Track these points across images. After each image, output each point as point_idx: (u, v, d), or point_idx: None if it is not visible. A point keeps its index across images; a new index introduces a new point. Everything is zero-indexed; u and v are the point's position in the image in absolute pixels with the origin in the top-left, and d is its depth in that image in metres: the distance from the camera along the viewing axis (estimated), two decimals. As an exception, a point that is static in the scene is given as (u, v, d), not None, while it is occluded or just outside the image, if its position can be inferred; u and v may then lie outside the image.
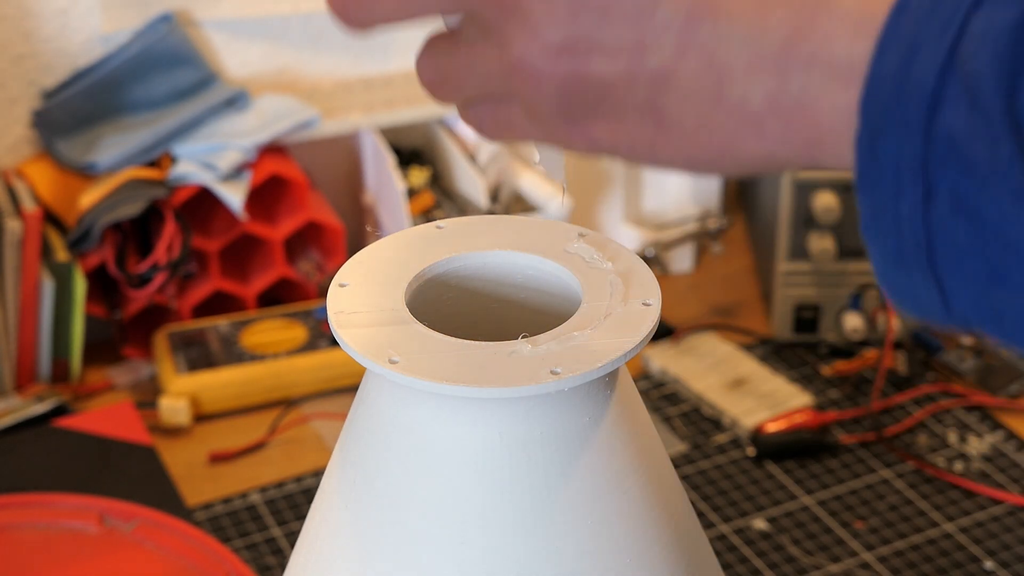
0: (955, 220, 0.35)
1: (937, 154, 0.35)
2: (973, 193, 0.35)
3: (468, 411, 0.50)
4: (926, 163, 0.35)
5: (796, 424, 1.05)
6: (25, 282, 1.06)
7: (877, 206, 0.37)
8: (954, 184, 0.35)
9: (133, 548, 0.89)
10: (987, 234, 0.35)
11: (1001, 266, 0.35)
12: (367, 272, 0.55)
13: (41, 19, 1.13)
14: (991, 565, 0.93)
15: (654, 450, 0.55)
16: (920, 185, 0.35)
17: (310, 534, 0.56)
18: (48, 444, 1.00)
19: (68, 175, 1.13)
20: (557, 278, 0.56)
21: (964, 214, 0.35)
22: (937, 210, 0.35)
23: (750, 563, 0.93)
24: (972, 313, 0.38)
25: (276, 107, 1.16)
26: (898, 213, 0.36)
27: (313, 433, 1.06)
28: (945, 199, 0.35)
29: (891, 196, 0.36)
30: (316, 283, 1.17)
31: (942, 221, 0.36)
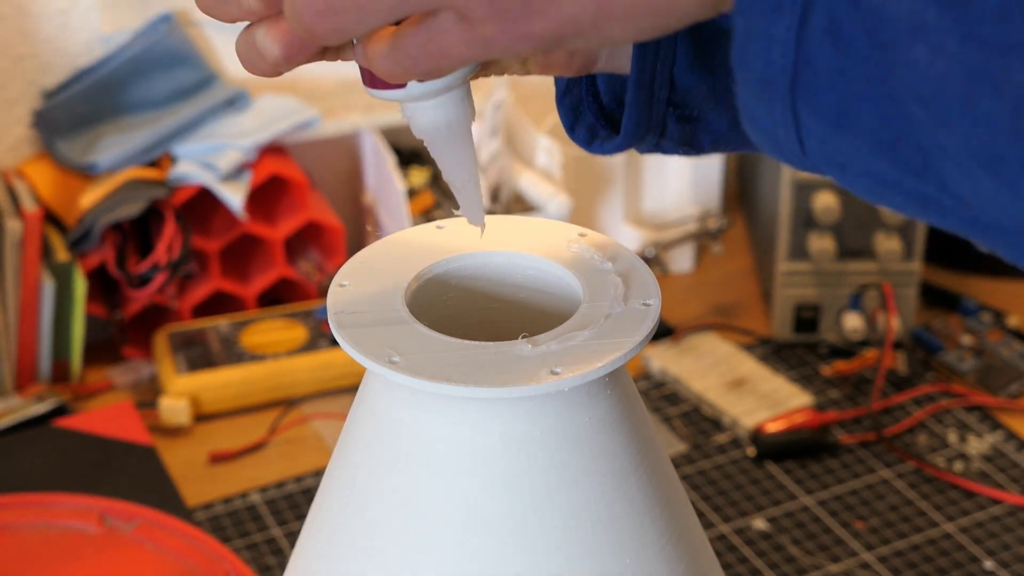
0: (822, 45, 0.36)
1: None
2: (845, 16, 0.35)
3: (468, 411, 0.50)
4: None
5: (796, 424, 1.05)
6: (25, 282, 1.06)
7: (752, 27, 0.37)
8: (830, 4, 0.35)
9: (133, 548, 0.89)
10: (847, 64, 0.35)
11: (851, 105, 0.36)
12: (367, 272, 0.55)
13: (41, 19, 1.13)
14: (991, 565, 0.93)
15: (654, 450, 0.55)
16: (800, 3, 0.36)
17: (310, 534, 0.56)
18: (48, 444, 1.00)
19: (68, 175, 1.13)
20: (557, 278, 0.56)
21: (832, 38, 0.35)
22: (809, 32, 0.36)
23: (750, 563, 0.93)
24: (822, 158, 0.38)
25: (276, 107, 1.16)
26: (772, 35, 0.36)
27: (313, 433, 1.06)
28: (820, 20, 0.35)
29: (768, 14, 0.36)
30: (316, 283, 1.17)
31: (811, 45, 0.36)
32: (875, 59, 0.35)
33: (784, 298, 1.15)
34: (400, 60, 0.43)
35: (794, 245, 1.13)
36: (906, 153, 0.36)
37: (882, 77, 0.35)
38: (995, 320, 1.19)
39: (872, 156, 0.37)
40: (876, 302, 1.13)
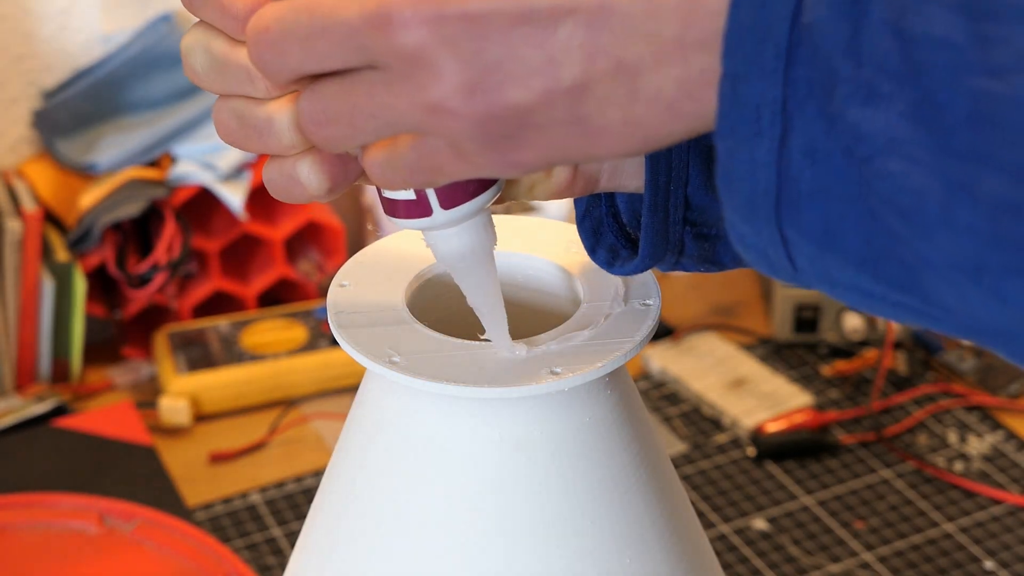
0: (802, 166, 0.36)
1: (796, 96, 0.36)
2: (822, 136, 0.36)
3: (468, 411, 0.50)
4: (785, 105, 0.36)
5: (796, 424, 1.05)
6: (25, 282, 1.06)
7: (735, 151, 0.38)
8: (807, 126, 0.36)
9: (133, 548, 0.89)
10: (827, 183, 0.36)
11: (835, 224, 0.37)
12: (367, 272, 0.55)
13: (41, 19, 1.13)
14: (991, 565, 0.93)
15: (654, 450, 0.55)
16: (779, 127, 0.37)
17: (310, 534, 0.56)
18: (48, 444, 1.00)
19: (68, 175, 1.13)
20: (557, 278, 0.56)
21: (811, 158, 0.36)
22: (789, 154, 0.37)
23: (750, 563, 0.93)
24: (811, 273, 0.39)
25: (276, 107, 1.16)
26: (754, 159, 0.37)
27: (313, 433, 1.06)
28: (799, 141, 0.36)
29: (749, 139, 0.37)
30: (316, 283, 1.17)
31: (791, 167, 0.37)
32: (854, 176, 0.36)
33: (784, 298, 1.15)
34: (395, 171, 0.44)
35: (794, 245, 1.13)
36: (889, 269, 0.37)
37: (862, 194, 0.36)
38: (995, 320, 1.19)
39: (857, 274, 0.37)
40: (876, 302, 1.13)
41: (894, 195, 0.35)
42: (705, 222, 0.51)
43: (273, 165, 0.47)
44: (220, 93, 0.46)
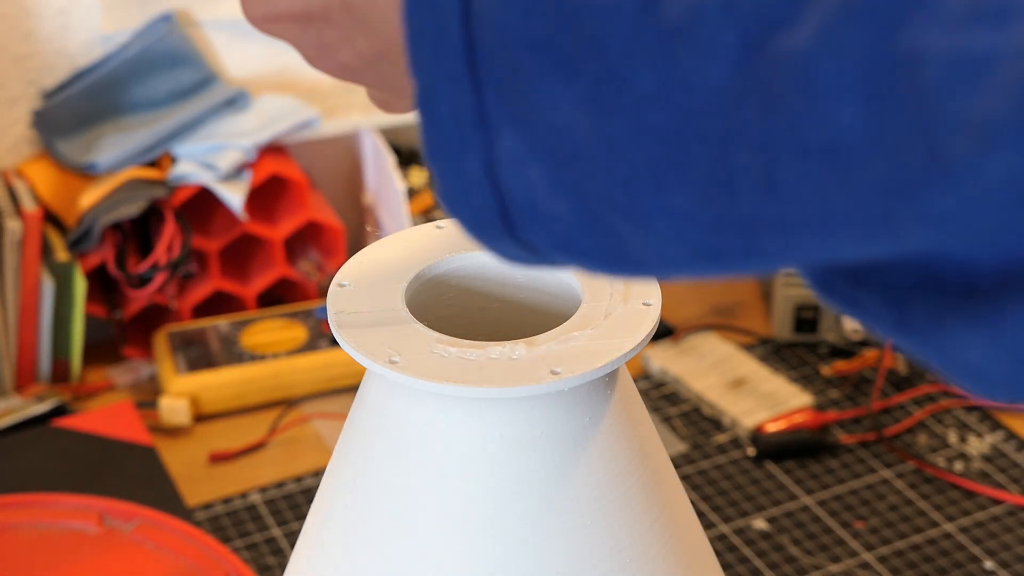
0: (513, 174, 0.33)
1: (489, 99, 0.32)
2: (526, 140, 0.32)
3: (468, 411, 0.50)
4: (483, 111, 0.32)
5: (796, 424, 1.05)
6: (25, 282, 1.06)
7: (445, 172, 0.35)
8: (509, 130, 0.32)
9: (133, 548, 0.89)
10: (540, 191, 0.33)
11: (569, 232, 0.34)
12: (367, 272, 0.55)
13: (41, 19, 1.13)
14: (991, 565, 0.93)
15: (654, 450, 0.55)
16: (479, 137, 0.33)
17: (310, 534, 0.56)
18: (48, 444, 1.00)
19: (68, 175, 1.13)
20: (557, 278, 0.56)
21: (519, 165, 0.33)
22: (499, 165, 0.33)
23: (750, 563, 0.93)
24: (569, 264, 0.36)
25: (276, 107, 1.16)
26: (465, 176, 0.34)
27: (313, 433, 1.06)
28: (503, 152, 0.33)
29: (455, 156, 0.34)
30: (316, 283, 1.17)
31: (503, 178, 0.33)
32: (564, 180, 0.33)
33: (784, 298, 1.15)
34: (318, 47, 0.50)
35: (794, 245, 1.13)
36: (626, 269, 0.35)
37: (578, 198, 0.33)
38: (995, 320, 1.19)
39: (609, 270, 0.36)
40: (876, 302, 1.13)
41: (607, 193, 0.32)
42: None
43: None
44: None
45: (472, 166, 0.33)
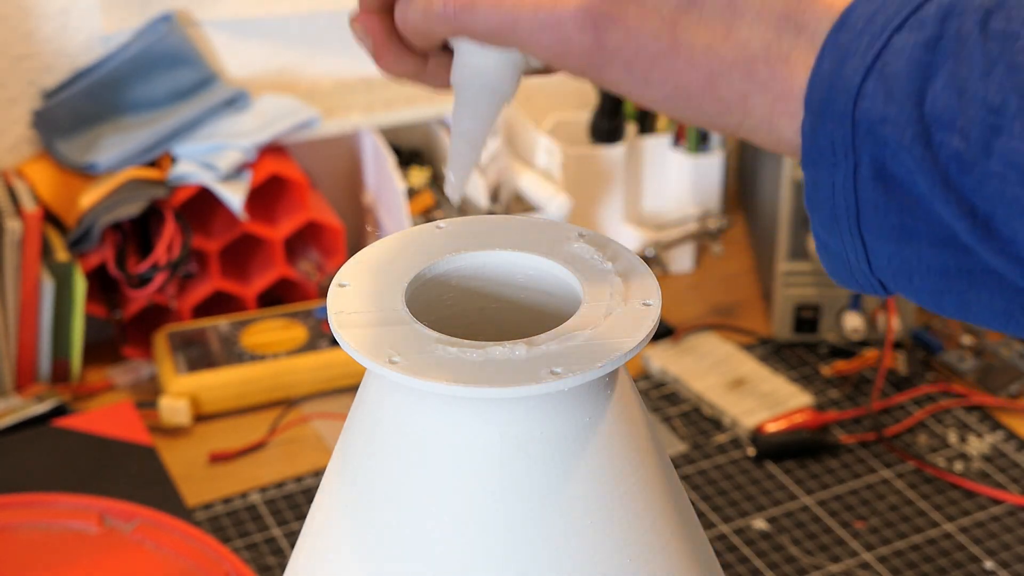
0: (874, 185, 0.44)
1: (860, 135, 0.44)
2: (888, 162, 0.44)
3: (468, 411, 0.50)
4: (854, 141, 0.44)
5: (796, 424, 1.05)
6: (25, 282, 1.06)
7: (818, 179, 0.46)
8: (873, 156, 0.44)
9: (133, 548, 0.89)
10: (899, 195, 0.44)
11: (909, 222, 0.44)
12: (367, 272, 0.55)
13: (41, 19, 1.13)
14: (991, 565, 0.93)
15: (654, 450, 0.55)
16: (851, 159, 0.44)
17: (310, 534, 0.56)
18: (48, 444, 1.00)
19: (68, 175, 1.13)
20: (557, 278, 0.56)
21: (881, 179, 0.44)
22: (862, 179, 0.44)
23: (750, 563, 0.93)
24: (889, 272, 0.46)
25: (276, 107, 1.16)
26: (833, 184, 0.45)
27: (313, 433, 1.06)
28: (867, 168, 0.44)
29: (828, 169, 0.45)
30: (316, 283, 1.17)
31: (865, 187, 0.45)
32: (915, 181, 0.43)
33: (784, 298, 1.15)
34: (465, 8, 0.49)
35: (794, 245, 1.13)
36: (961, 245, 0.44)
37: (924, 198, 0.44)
38: (995, 320, 1.19)
39: (937, 252, 0.45)
40: (876, 302, 1.13)
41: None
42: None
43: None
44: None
45: (840, 177, 0.45)
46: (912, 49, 0.43)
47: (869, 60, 0.44)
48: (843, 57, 0.44)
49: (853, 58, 0.44)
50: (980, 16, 0.43)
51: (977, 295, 0.46)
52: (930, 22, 0.43)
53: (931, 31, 0.43)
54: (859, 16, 0.44)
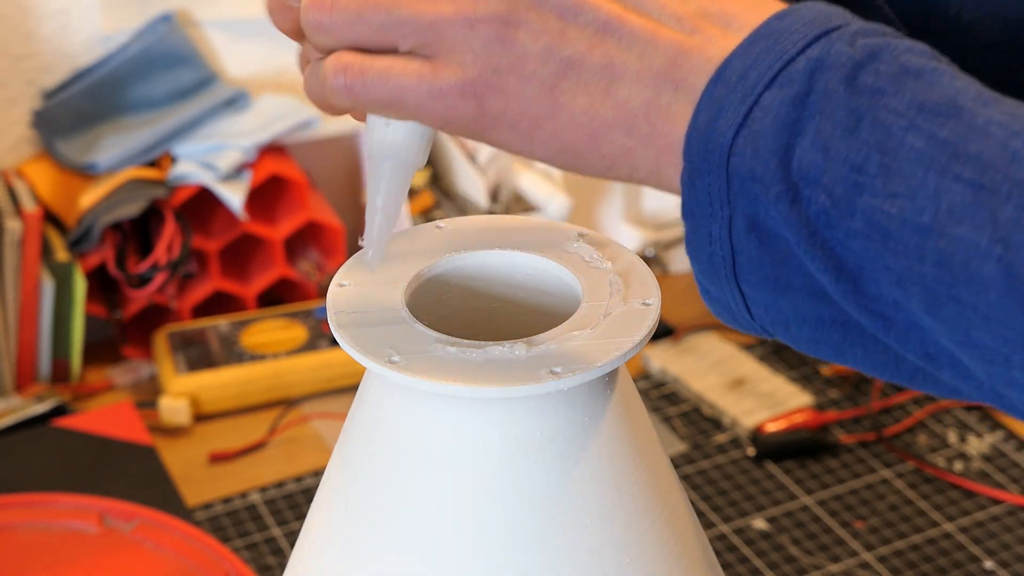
0: (748, 237, 0.46)
1: (734, 189, 0.45)
2: (760, 216, 0.45)
3: (468, 411, 0.50)
4: (728, 194, 0.45)
5: (796, 424, 1.05)
6: (25, 282, 1.06)
7: (696, 228, 0.47)
8: (747, 210, 0.45)
9: (133, 548, 0.89)
10: (773, 247, 0.45)
11: (783, 274, 0.46)
12: (367, 272, 0.55)
13: (41, 19, 1.13)
14: (991, 565, 0.93)
15: (654, 450, 0.55)
16: (727, 210, 0.46)
17: (310, 534, 0.56)
18: (48, 444, 1.00)
19: (68, 175, 1.13)
20: (557, 278, 0.56)
21: (756, 232, 0.45)
22: (737, 230, 0.46)
23: (750, 563, 0.93)
24: (768, 320, 0.47)
25: (276, 107, 1.16)
26: (711, 233, 0.46)
27: (313, 433, 1.06)
28: (741, 221, 0.45)
29: (706, 219, 0.46)
30: (316, 283, 1.17)
31: (740, 238, 0.46)
32: (784, 236, 0.45)
33: (784, 298, 1.15)
34: (356, 82, 0.49)
35: (794, 245, 1.13)
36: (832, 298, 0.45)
37: (795, 258, 0.45)
38: (995, 320, 1.19)
39: (811, 304, 0.46)
40: (876, 302, 1.13)
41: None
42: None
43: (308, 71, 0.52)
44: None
45: (716, 227, 0.46)
46: (780, 106, 0.44)
47: (740, 117, 0.44)
48: (717, 112, 0.45)
49: (726, 113, 0.45)
50: (848, 71, 0.43)
51: (851, 347, 0.47)
52: (799, 77, 0.44)
53: (799, 87, 0.44)
54: (734, 70, 0.45)
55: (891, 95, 0.43)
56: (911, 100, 0.42)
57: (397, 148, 0.52)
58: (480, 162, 1.17)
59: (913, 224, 0.42)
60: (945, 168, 0.41)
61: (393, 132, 0.52)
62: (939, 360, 0.44)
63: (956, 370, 0.44)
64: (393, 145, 0.52)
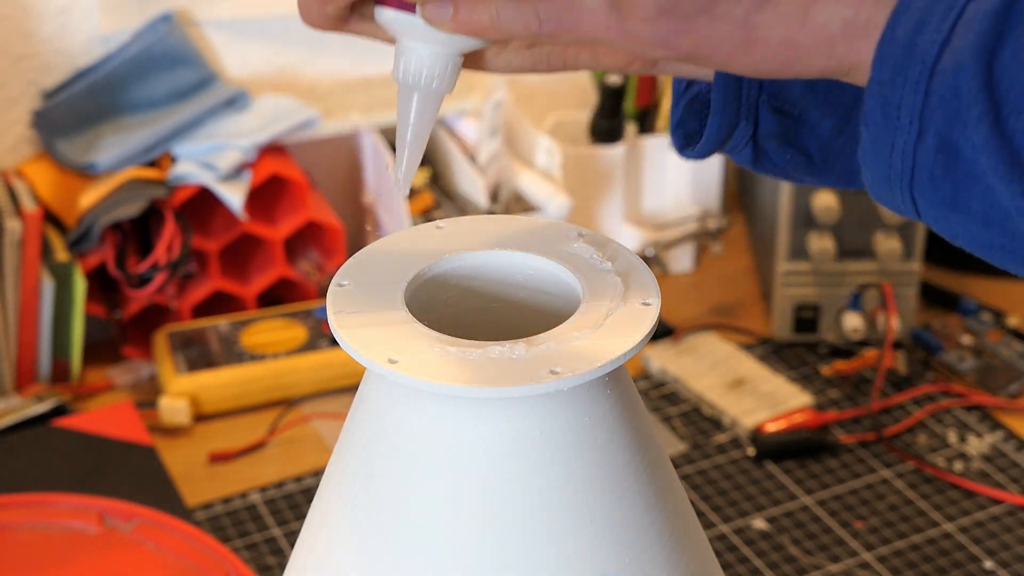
0: (936, 156, 0.45)
1: (931, 106, 0.44)
2: (954, 137, 0.44)
3: (468, 411, 0.50)
4: (923, 112, 0.45)
5: (796, 424, 1.05)
6: (25, 282, 1.06)
7: (877, 138, 0.46)
8: (940, 128, 0.44)
9: (133, 548, 0.89)
10: (958, 169, 0.44)
11: (963, 196, 0.45)
12: (367, 272, 0.55)
13: (41, 19, 1.13)
14: (991, 565, 0.93)
15: (654, 450, 0.55)
16: (916, 127, 0.45)
17: (310, 534, 0.56)
18: (48, 444, 1.00)
19: (68, 175, 1.13)
20: (557, 278, 0.56)
21: (944, 152, 0.45)
22: (925, 148, 0.45)
23: (750, 563, 0.93)
24: (936, 225, 0.47)
25: (276, 107, 1.16)
26: (893, 145, 0.46)
27: (313, 433, 1.06)
28: (932, 138, 0.45)
29: (890, 131, 0.46)
30: (316, 283, 1.17)
31: (926, 155, 0.45)
32: (979, 159, 0.44)
33: (784, 298, 1.15)
34: (528, 10, 0.47)
35: (794, 245, 1.13)
36: (1011, 227, 0.45)
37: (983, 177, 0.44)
38: (995, 320, 1.19)
39: (982, 229, 0.46)
40: (876, 302, 1.13)
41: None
42: (783, 96, 0.55)
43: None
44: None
45: (901, 142, 0.46)
46: (982, 20, 0.43)
47: (945, 32, 0.43)
48: (918, 25, 0.44)
49: (929, 27, 0.44)
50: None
51: (1015, 268, 0.47)
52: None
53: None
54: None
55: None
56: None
57: (423, 77, 0.51)
58: (480, 162, 1.17)
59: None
60: None
61: (418, 62, 0.51)
62: None
63: None
64: (418, 74, 0.51)
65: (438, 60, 0.51)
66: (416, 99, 0.52)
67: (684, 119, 0.58)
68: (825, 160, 0.57)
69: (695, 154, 0.57)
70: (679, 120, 0.57)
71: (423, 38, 0.50)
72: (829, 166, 0.57)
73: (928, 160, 0.45)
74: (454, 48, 0.51)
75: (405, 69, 0.51)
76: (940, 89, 0.44)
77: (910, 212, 0.48)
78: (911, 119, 0.45)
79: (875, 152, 0.47)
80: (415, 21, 0.50)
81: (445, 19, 0.49)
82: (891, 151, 0.46)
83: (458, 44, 0.51)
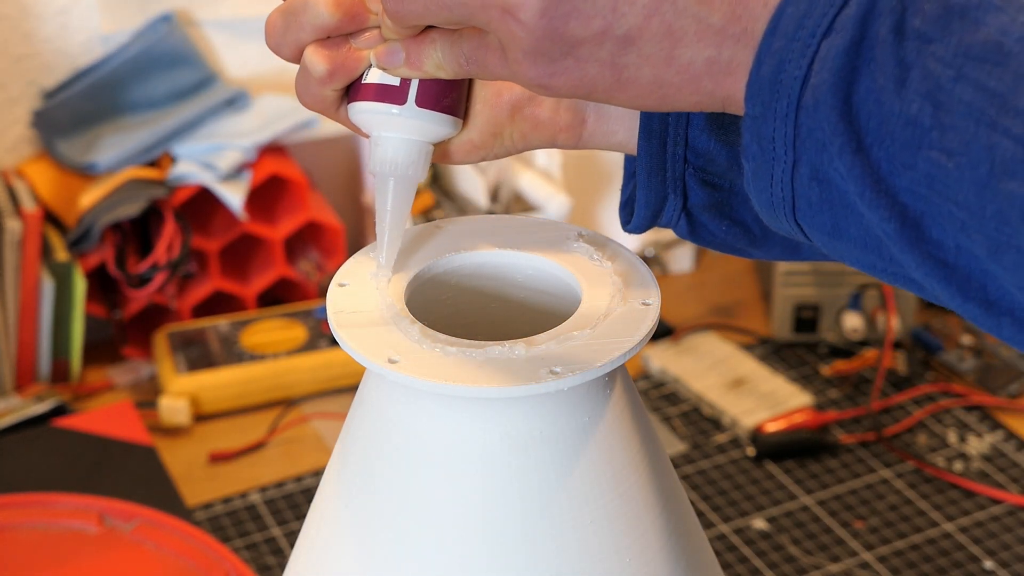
0: (811, 185, 0.47)
1: (801, 138, 0.46)
2: (824, 167, 0.46)
3: (468, 411, 0.50)
4: (795, 143, 0.46)
5: (796, 424, 1.05)
6: (25, 282, 1.06)
7: (757, 170, 0.48)
8: (812, 159, 0.46)
9: (133, 548, 0.89)
10: (833, 198, 0.46)
11: (841, 224, 0.47)
12: (367, 272, 0.55)
13: (41, 19, 1.13)
14: (991, 565, 0.93)
15: (654, 450, 0.55)
16: (791, 157, 0.47)
17: (310, 534, 0.56)
18: (48, 444, 1.00)
19: (68, 175, 1.13)
20: (557, 278, 0.56)
21: (817, 181, 0.46)
22: (800, 177, 0.47)
23: (750, 563, 0.93)
24: (825, 250, 0.49)
25: (276, 107, 1.16)
26: (772, 176, 0.48)
27: (313, 433, 1.06)
28: (806, 168, 0.47)
29: (768, 163, 0.47)
30: (316, 283, 1.17)
31: (802, 185, 0.47)
32: (846, 186, 0.46)
33: (784, 298, 1.15)
34: (452, 55, 0.51)
35: (794, 245, 1.13)
36: (887, 252, 0.47)
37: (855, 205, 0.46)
38: (995, 320, 1.19)
39: (863, 253, 0.47)
40: (876, 302, 1.13)
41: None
42: (710, 170, 0.57)
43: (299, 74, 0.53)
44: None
45: (779, 172, 0.47)
46: (836, 57, 0.45)
47: (803, 69, 0.45)
48: (779, 64, 0.46)
49: (789, 66, 0.46)
50: (897, 16, 0.44)
51: (905, 287, 0.48)
52: (851, 24, 0.45)
53: (853, 33, 0.45)
54: (789, 19, 0.46)
55: (938, 41, 0.43)
56: (957, 46, 0.43)
57: (398, 166, 0.54)
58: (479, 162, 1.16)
59: (971, 178, 0.42)
60: (994, 123, 0.42)
61: (394, 151, 0.54)
62: (999, 307, 0.45)
63: (1015, 316, 0.45)
64: (394, 163, 0.54)
65: (412, 147, 0.54)
66: (392, 185, 0.54)
67: (631, 196, 0.59)
68: (764, 232, 0.58)
69: (632, 228, 0.58)
70: (627, 198, 0.59)
71: (396, 128, 0.53)
72: (769, 237, 0.58)
73: (805, 189, 0.47)
74: (425, 136, 0.54)
75: (382, 158, 0.54)
76: (807, 122, 0.46)
77: (800, 237, 0.49)
78: (785, 150, 0.47)
79: (757, 183, 0.48)
80: (390, 108, 0.53)
81: (398, 63, 0.52)
82: (771, 182, 0.48)
83: (428, 133, 0.54)
